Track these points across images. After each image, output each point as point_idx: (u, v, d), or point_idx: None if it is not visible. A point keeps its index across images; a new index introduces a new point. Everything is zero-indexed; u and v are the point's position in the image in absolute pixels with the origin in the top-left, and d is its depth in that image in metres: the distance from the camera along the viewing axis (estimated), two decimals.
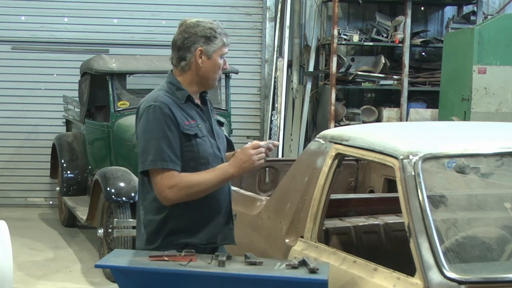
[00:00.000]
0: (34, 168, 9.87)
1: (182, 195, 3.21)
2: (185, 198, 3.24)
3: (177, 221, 3.29)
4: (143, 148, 3.26)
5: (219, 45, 3.35)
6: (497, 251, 3.06)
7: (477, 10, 9.90)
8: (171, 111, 3.26)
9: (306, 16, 10.10)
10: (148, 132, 3.26)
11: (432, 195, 3.07)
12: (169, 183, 3.19)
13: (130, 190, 6.63)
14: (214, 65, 3.36)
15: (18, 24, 9.77)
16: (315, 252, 3.43)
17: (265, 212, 3.95)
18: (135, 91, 8.16)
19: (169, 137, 3.22)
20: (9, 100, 9.79)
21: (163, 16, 9.95)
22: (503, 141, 3.37)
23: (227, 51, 3.39)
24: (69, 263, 7.25)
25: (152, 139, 3.23)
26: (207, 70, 3.36)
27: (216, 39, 3.34)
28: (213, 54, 3.34)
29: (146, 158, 3.23)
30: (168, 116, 3.24)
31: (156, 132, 3.23)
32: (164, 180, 3.19)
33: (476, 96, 8.12)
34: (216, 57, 3.35)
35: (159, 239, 3.30)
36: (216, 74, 3.39)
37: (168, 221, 3.29)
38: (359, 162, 5.45)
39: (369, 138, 3.45)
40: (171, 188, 3.19)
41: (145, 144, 3.26)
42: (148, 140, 3.24)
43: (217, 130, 3.48)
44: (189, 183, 3.21)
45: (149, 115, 3.27)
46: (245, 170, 3.26)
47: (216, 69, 3.37)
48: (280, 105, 9.70)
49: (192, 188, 3.21)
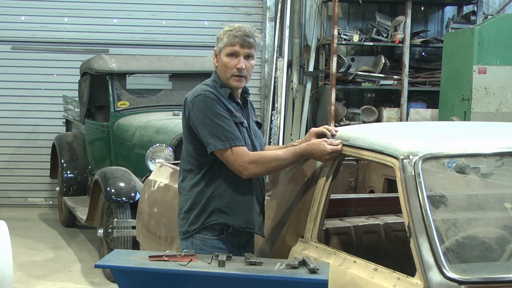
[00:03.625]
0: (34, 168, 9.88)
1: (261, 169, 3.45)
2: (263, 173, 3.53)
3: (219, 201, 3.48)
4: (209, 132, 3.42)
5: (223, 44, 3.51)
6: (497, 251, 3.06)
7: (477, 10, 9.90)
8: (220, 99, 3.47)
9: (306, 16, 10.10)
10: (206, 117, 3.43)
11: (432, 195, 3.06)
12: (248, 159, 3.41)
13: (130, 190, 6.63)
14: (222, 64, 3.53)
15: (18, 24, 9.78)
16: (315, 252, 3.43)
17: (265, 212, 3.94)
18: (135, 91, 8.17)
19: (227, 117, 3.44)
20: (9, 100, 9.79)
21: (163, 16, 9.96)
22: (503, 141, 3.37)
23: (238, 50, 3.49)
24: (69, 263, 7.25)
25: (213, 122, 3.42)
26: (219, 70, 3.57)
27: (222, 39, 3.52)
28: (220, 53, 3.53)
29: (214, 140, 3.40)
30: (218, 102, 3.45)
31: (214, 115, 3.42)
32: (242, 156, 3.41)
33: (476, 96, 8.12)
34: (223, 56, 3.52)
35: (201, 219, 3.49)
36: (226, 73, 3.53)
37: (211, 202, 3.49)
38: (359, 162, 5.45)
39: (369, 138, 3.44)
40: (251, 163, 3.41)
41: (208, 127, 3.42)
42: (209, 124, 3.42)
43: (255, 129, 3.69)
44: (267, 158, 3.45)
45: (201, 102, 3.45)
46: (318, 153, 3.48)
47: (225, 68, 3.52)
48: (280, 105, 9.70)
49: (270, 163, 3.44)
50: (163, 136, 6.97)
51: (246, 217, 3.52)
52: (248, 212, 3.53)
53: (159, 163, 5.28)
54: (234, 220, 3.49)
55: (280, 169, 3.56)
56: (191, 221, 3.52)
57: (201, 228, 3.49)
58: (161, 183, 4.96)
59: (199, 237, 3.49)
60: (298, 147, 3.50)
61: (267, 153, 3.51)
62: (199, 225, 3.49)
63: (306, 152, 3.48)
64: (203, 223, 3.49)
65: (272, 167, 3.48)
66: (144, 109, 8.00)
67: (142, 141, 7.20)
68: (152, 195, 5.04)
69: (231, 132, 3.41)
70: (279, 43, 9.92)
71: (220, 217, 3.48)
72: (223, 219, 3.48)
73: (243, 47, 3.50)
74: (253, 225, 3.55)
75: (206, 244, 3.48)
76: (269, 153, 3.50)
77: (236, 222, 3.50)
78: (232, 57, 3.50)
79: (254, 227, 3.56)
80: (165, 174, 4.98)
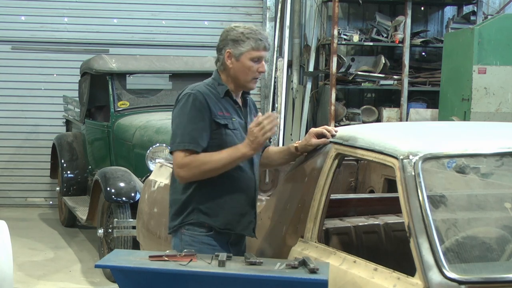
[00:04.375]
0: (34, 168, 9.88)
1: (195, 172, 3.43)
2: (198, 176, 3.46)
3: (199, 201, 3.50)
4: (173, 132, 3.51)
5: (247, 48, 3.52)
6: (497, 251, 3.06)
7: (477, 10, 9.90)
8: (205, 100, 3.48)
9: (306, 16, 10.10)
10: (179, 116, 3.49)
11: (432, 195, 3.06)
12: (182, 162, 3.41)
13: (130, 190, 6.63)
14: (243, 67, 3.54)
15: (18, 24, 9.78)
16: (315, 252, 3.43)
17: (265, 212, 3.94)
18: (135, 91, 8.17)
19: (198, 122, 3.44)
20: (9, 100, 9.79)
21: (163, 16, 9.96)
22: (503, 141, 3.37)
23: (264, 55, 3.56)
24: (69, 263, 7.25)
25: (181, 123, 3.47)
26: (236, 71, 3.56)
27: (243, 42, 3.52)
28: (241, 56, 3.54)
29: (173, 141, 3.48)
30: (201, 103, 3.46)
31: (187, 117, 3.45)
32: (180, 159, 3.43)
33: (476, 96, 8.12)
34: (245, 59, 3.53)
35: (181, 216, 3.53)
36: (246, 76, 3.56)
37: (191, 201, 3.51)
38: (359, 162, 5.45)
39: (369, 138, 3.44)
40: (183, 167, 3.42)
41: (175, 128, 3.50)
42: (178, 124, 3.49)
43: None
44: (200, 161, 3.41)
45: (184, 101, 3.50)
46: (255, 148, 3.42)
47: (246, 71, 3.55)
48: (280, 105, 9.70)
49: (203, 166, 3.41)
50: (163, 136, 6.97)
51: (224, 218, 3.51)
52: (227, 213, 3.52)
53: (159, 163, 5.28)
54: (213, 220, 3.50)
55: (219, 171, 3.44)
56: (171, 217, 3.59)
57: (189, 224, 3.50)
58: (161, 183, 4.96)
59: (188, 233, 3.51)
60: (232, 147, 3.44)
61: (200, 156, 3.42)
62: (178, 223, 3.53)
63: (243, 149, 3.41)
64: (182, 220, 3.52)
65: (207, 170, 3.41)
66: (144, 109, 8.00)
67: (142, 141, 7.20)
68: (152, 195, 5.04)
69: (189, 135, 3.42)
70: (279, 43, 9.93)
71: (199, 217, 3.50)
72: (203, 218, 3.49)
73: (266, 50, 3.58)
74: (233, 226, 3.54)
75: (195, 240, 3.49)
76: (203, 156, 3.42)
77: (215, 223, 3.50)
78: (255, 62, 3.54)
79: (235, 228, 3.55)
80: (165, 174, 4.98)
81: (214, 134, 3.48)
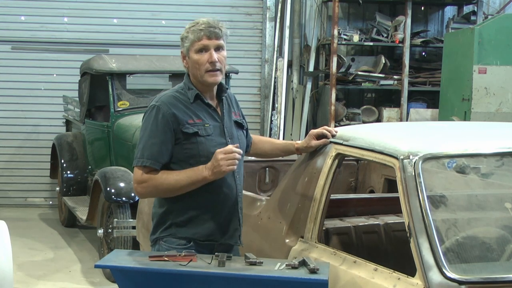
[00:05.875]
0: (34, 168, 9.88)
1: (151, 191, 3.35)
2: (156, 195, 3.41)
3: (177, 215, 3.39)
4: (137, 146, 3.40)
5: (189, 42, 3.37)
6: (497, 251, 3.06)
7: (477, 10, 9.90)
8: (171, 111, 3.33)
9: (306, 16, 10.10)
10: (142, 130, 3.40)
11: (432, 195, 3.06)
12: (140, 179, 3.32)
13: (130, 190, 6.63)
14: (193, 62, 3.39)
15: (18, 24, 9.78)
16: (315, 252, 3.43)
17: (265, 212, 3.94)
18: (135, 91, 8.16)
19: (159, 136, 3.32)
20: (9, 100, 9.79)
21: (163, 16, 9.96)
22: (503, 141, 3.37)
23: (208, 43, 3.34)
24: (69, 263, 7.25)
25: (142, 137, 3.37)
26: (191, 70, 3.44)
27: (186, 38, 3.39)
28: (189, 53, 3.39)
29: (135, 156, 3.38)
30: (163, 116, 3.32)
31: (148, 131, 3.34)
32: (138, 176, 3.33)
33: (476, 96, 8.12)
34: (192, 54, 3.38)
35: (159, 230, 3.43)
36: (199, 71, 3.38)
37: (169, 215, 3.40)
38: (359, 162, 5.45)
39: (369, 138, 3.44)
40: (140, 183, 3.32)
41: (138, 142, 3.41)
42: (140, 139, 3.39)
43: (231, 131, 3.49)
44: (157, 181, 3.30)
45: (147, 114, 3.40)
46: (217, 175, 3.27)
47: (196, 65, 3.38)
48: (280, 105, 9.70)
49: (160, 186, 3.30)
50: None
51: (205, 229, 3.38)
52: (209, 224, 3.38)
53: None
54: (192, 233, 3.37)
55: (178, 191, 3.30)
56: (151, 230, 3.47)
57: (168, 236, 3.38)
58: None
59: (166, 245, 3.37)
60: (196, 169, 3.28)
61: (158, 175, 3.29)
62: (156, 237, 3.42)
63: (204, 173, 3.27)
64: (159, 235, 3.41)
65: (164, 190, 3.31)
66: (144, 109, 7.92)
67: None
68: None
69: (148, 150, 3.30)
70: (279, 43, 9.92)
71: (178, 231, 3.37)
72: (181, 233, 3.37)
73: (211, 38, 3.33)
74: (216, 237, 3.40)
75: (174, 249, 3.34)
76: (161, 175, 3.29)
77: (195, 235, 3.37)
78: (202, 53, 3.34)
79: (218, 238, 3.41)
80: None
81: (185, 144, 3.32)
